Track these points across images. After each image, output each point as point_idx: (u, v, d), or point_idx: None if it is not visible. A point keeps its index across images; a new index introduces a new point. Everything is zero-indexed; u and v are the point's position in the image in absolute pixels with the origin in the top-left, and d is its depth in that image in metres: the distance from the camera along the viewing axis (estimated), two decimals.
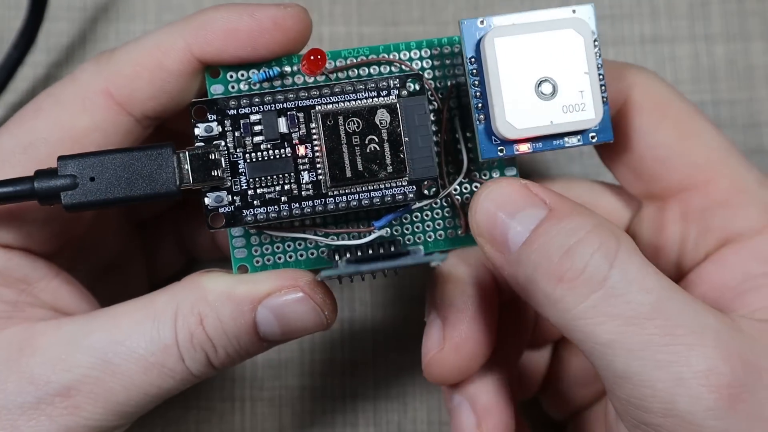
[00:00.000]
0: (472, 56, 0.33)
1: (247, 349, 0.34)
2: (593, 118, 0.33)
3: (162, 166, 0.32)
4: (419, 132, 0.33)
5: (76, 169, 0.32)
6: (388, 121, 0.33)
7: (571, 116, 0.32)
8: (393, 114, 0.33)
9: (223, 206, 0.33)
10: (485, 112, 0.33)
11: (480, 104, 0.33)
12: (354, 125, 0.33)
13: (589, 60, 0.33)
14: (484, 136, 0.33)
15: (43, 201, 0.32)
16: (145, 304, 0.34)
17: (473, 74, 0.33)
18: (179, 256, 0.46)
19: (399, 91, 0.33)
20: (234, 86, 0.35)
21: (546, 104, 0.32)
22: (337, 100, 0.33)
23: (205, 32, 0.34)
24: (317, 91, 0.33)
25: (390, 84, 0.33)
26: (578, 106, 0.32)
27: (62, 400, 0.33)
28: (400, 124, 0.33)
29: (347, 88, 0.33)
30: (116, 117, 0.35)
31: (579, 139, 0.33)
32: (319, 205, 0.33)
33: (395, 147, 0.33)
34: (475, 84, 0.33)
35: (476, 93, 0.33)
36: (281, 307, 0.33)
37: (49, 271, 0.36)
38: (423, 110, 0.33)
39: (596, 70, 0.33)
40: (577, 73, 0.33)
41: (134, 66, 0.34)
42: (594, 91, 0.33)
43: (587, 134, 0.33)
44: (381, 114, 0.33)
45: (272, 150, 0.33)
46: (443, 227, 0.36)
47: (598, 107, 0.33)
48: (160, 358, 0.33)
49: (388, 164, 0.33)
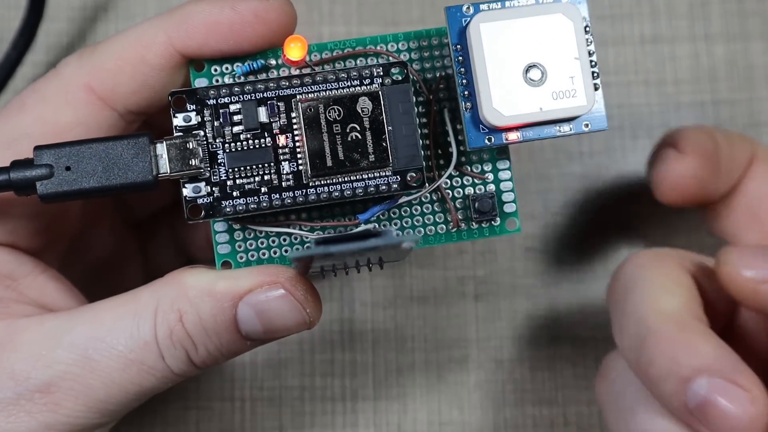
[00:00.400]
0: (457, 43, 0.30)
1: (228, 347, 0.32)
2: (584, 105, 0.30)
3: (138, 156, 0.30)
4: (403, 120, 0.30)
5: (52, 158, 0.30)
6: (370, 109, 0.30)
7: (562, 103, 0.30)
8: (375, 102, 0.30)
9: (202, 197, 0.31)
10: (472, 100, 0.30)
11: (467, 92, 0.31)
12: (335, 113, 0.30)
13: (580, 45, 0.30)
14: (471, 124, 0.31)
15: (19, 192, 0.30)
16: (127, 300, 0.32)
17: (459, 61, 0.30)
18: (176, 256, 0.44)
19: (383, 79, 0.31)
20: (218, 80, 0.32)
21: (535, 90, 0.30)
22: (318, 89, 0.31)
23: (186, 26, 0.32)
24: (299, 80, 0.31)
25: (373, 72, 0.31)
26: (568, 92, 0.30)
27: (42, 396, 0.31)
28: (382, 112, 0.30)
29: (329, 77, 0.31)
30: (99, 112, 0.33)
31: (571, 128, 0.31)
32: (300, 195, 0.31)
33: (377, 135, 0.30)
34: (461, 71, 0.31)
35: (462, 81, 0.31)
36: (262, 303, 0.31)
37: (35, 267, 0.34)
38: (407, 98, 0.30)
39: (587, 55, 0.30)
40: (567, 58, 0.30)
41: (116, 60, 0.33)
42: (585, 76, 0.30)
43: (579, 122, 0.31)
44: (363, 102, 0.30)
45: (252, 140, 0.31)
46: (433, 222, 0.33)
47: (590, 93, 0.30)
48: (140, 355, 0.31)
49: (370, 153, 0.30)
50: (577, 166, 0.46)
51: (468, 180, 0.33)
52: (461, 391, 0.44)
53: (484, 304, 0.44)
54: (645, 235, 0.45)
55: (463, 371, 0.44)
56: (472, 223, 0.33)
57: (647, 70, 0.46)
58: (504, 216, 0.34)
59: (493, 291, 0.45)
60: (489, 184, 0.33)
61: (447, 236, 0.33)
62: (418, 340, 0.44)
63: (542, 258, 0.45)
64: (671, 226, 0.45)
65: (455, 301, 0.45)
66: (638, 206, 0.45)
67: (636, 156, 0.46)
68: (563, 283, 0.45)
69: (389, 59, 0.32)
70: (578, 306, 0.44)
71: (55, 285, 0.35)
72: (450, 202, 0.33)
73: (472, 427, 0.44)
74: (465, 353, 0.44)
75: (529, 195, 0.45)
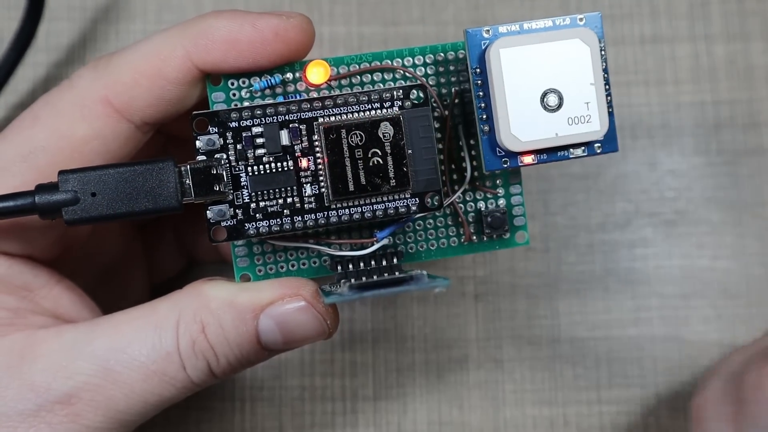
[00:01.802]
0: (477, 66, 0.32)
1: (248, 358, 0.33)
2: (599, 130, 0.32)
3: (163, 181, 0.31)
4: (423, 144, 0.32)
5: (77, 184, 0.31)
6: (391, 134, 0.32)
7: (577, 128, 0.31)
8: (396, 127, 0.32)
9: (226, 220, 0.32)
10: (489, 123, 0.32)
11: (484, 116, 0.32)
12: (357, 138, 0.32)
13: (596, 70, 0.32)
14: (488, 147, 0.32)
15: (44, 216, 0.31)
16: (147, 312, 0.33)
17: (478, 85, 0.32)
18: (180, 258, 0.45)
19: (402, 102, 0.32)
20: (235, 93, 0.34)
21: (551, 116, 0.31)
22: (339, 111, 0.32)
23: (205, 41, 0.32)
24: (320, 103, 0.32)
25: (393, 95, 0.32)
26: (584, 117, 0.31)
27: (62, 407, 0.32)
28: (403, 137, 0.32)
29: (350, 100, 0.32)
30: (116, 125, 0.34)
31: (584, 150, 0.32)
32: (322, 218, 0.32)
33: (398, 160, 0.32)
34: (480, 95, 0.32)
35: (481, 104, 0.32)
36: (283, 315, 0.32)
37: (50, 278, 0.35)
38: (427, 122, 0.32)
39: (602, 80, 0.32)
40: (583, 84, 0.32)
41: (133, 74, 0.33)
42: (600, 102, 0.32)
43: (592, 145, 0.32)
44: (384, 127, 0.32)
45: (274, 163, 0.32)
46: (446, 236, 0.35)
47: (604, 118, 0.32)
48: (161, 366, 0.32)
49: (391, 177, 0.32)
50: (577, 166, 0.46)
51: (480, 194, 0.35)
52: (461, 391, 0.45)
53: (484, 304, 0.45)
54: (645, 236, 0.46)
55: (463, 371, 0.45)
56: (483, 237, 0.35)
57: (647, 70, 0.47)
58: (514, 229, 0.35)
59: (493, 291, 0.46)
60: (500, 199, 0.35)
61: (459, 248, 0.35)
62: (418, 340, 0.45)
63: (542, 258, 0.46)
64: (672, 226, 0.46)
65: (455, 301, 0.45)
66: (638, 206, 0.46)
67: (636, 156, 0.46)
68: (563, 283, 0.46)
69: (407, 77, 0.34)
70: (578, 306, 0.46)
71: (70, 295, 0.36)
72: (463, 217, 0.35)
73: (472, 427, 0.45)
74: (465, 353, 0.45)
75: (529, 195, 0.46)
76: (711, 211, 0.46)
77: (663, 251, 0.46)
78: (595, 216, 0.46)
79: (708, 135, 0.47)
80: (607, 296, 0.46)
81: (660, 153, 0.47)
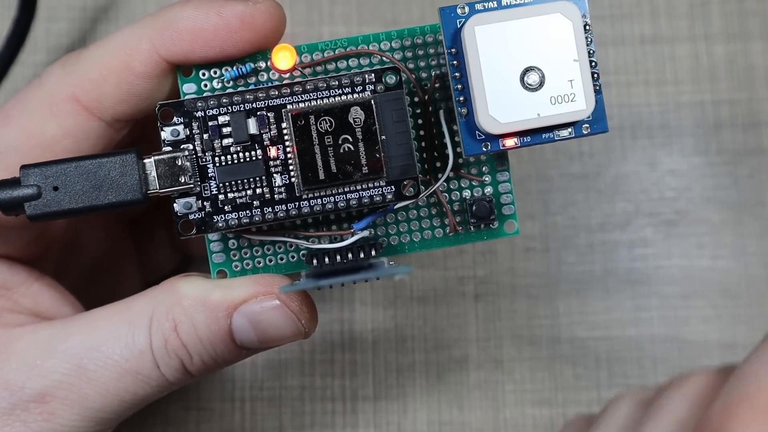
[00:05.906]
0: (452, 46, 0.28)
1: (224, 356, 0.30)
2: (584, 109, 0.27)
3: (126, 173, 0.28)
4: (397, 128, 0.28)
5: (39, 178, 0.28)
6: (362, 119, 0.28)
7: (560, 108, 0.27)
8: (367, 111, 0.28)
9: (193, 212, 0.28)
10: (468, 105, 0.28)
11: (462, 97, 0.28)
12: (326, 124, 0.28)
13: (579, 46, 0.27)
14: (467, 131, 0.28)
15: (7, 211, 0.29)
16: (122, 309, 0.31)
17: (454, 66, 0.28)
18: (174, 253, 0.42)
19: (375, 86, 0.28)
20: (207, 84, 0.30)
21: (532, 96, 0.27)
22: (309, 98, 0.28)
23: (170, 32, 0.30)
24: (288, 89, 0.28)
25: (365, 78, 0.28)
26: (568, 96, 0.27)
27: (37, 405, 0.30)
28: (375, 122, 0.28)
29: (320, 85, 0.28)
30: (85, 122, 0.31)
31: (571, 132, 0.28)
32: (293, 208, 0.29)
33: (371, 146, 0.28)
34: (456, 76, 0.28)
35: (458, 86, 0.28)
36: (256, 314, 0.29)
37: (29, 276, 0.33)
38: (400, 105, 0.28)
39: (587, 56, 0.28)
40: (565, 61, 0.27)
41: (101, 69, 0.30)
42: (585, 79, 0.27)
43: (579, 126, 0.28)
44: (354, 112, 0.28)
45: (242, 152, 0.28)
46: (430, 227, 0.31)
47: (590, 97, 0.28)
48: (135, 365, 0.30)
49: (363, 165, 0.28)
50: (577, 166, 0.44)
51: (465, 182, 0.31)
52: (461, 391, 0.43)
53: (484, 304, 0.43)
54: (645, 236, 0.43)
55: (463, 371, 0.43)
56: (469, 227, 0.31)
57: (647, 70, 0.45)
58: (502, 219, 0.31)
59: (493, 291, 0.43)
60: (487, 187, 0.31)
61: (444, 240, 0.31)
62: (418, 340, 0.43)
63: (542, 258, 0.43)
64: (672, 226, 0.43)
65: (455, 301, 0.43)
66: (638, 206, 0.43)
67: (636, 156, 0.44)
68: (563, 283, 0.43)
69: (382, 61, 0.30)
70: (578, 306, 0.43)
71: (50, 293, 0.33)
72: (447, 206, 0.31)
73: (471, 427, 0.42)
74: (465, 353, 0.43)
75: (529, 195, 0.44)
76: (711, 211, 0.44)
77: (663, 251, 0.44)
78: (595, 216, 0.44)
79: (708, 135, 0.44)
80: (607, 296, 0.43)
81: (660, 153, 0.44)
